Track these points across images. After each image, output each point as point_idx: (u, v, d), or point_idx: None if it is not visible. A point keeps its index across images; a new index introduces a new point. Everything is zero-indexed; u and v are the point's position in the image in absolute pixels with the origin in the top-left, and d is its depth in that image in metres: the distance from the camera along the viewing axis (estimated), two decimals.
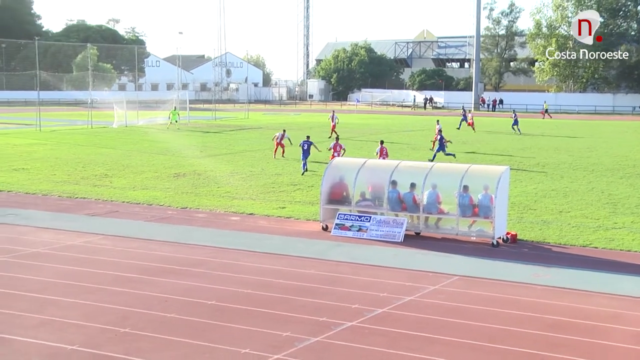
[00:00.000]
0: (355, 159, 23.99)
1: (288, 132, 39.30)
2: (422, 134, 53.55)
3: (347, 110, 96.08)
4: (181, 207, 23.03)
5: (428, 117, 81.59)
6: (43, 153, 38.25)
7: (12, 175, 29.92)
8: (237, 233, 19.34)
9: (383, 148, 31.61)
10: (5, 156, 36.59)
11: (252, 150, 40.12)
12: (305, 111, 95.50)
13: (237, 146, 42.67)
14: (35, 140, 46.07)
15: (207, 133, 53.93)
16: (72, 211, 22.24)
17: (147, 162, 34.38)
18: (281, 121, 64.62)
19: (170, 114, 60.14)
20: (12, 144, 42.69)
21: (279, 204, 23.68)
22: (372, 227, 18.94)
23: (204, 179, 29.01)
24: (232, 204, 23.49)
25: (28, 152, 38.75)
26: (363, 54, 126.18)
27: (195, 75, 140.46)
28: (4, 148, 40.53)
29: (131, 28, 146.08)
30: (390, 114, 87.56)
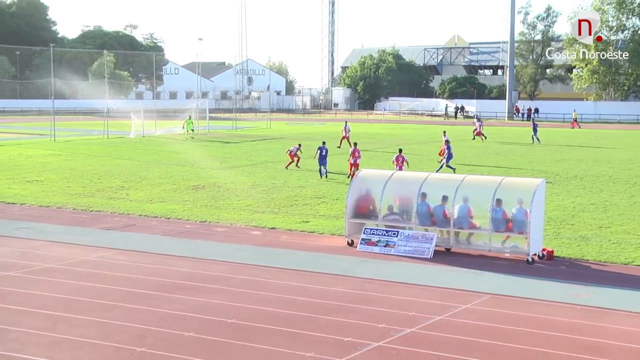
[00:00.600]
0: (383, 170, 24.01)
1: (311, 142, 39.22)
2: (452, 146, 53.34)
3: (373, 120, 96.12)
4: (200, 221, 23.15)
5: (459, 127, 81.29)
6: (57, 164, 38.68)
7: (26, 187, 30.29)
8: (258, 248, 19.39)
9: (400, 156, 32.59)
10: (19, 167, 37.05)
11: (274, 161, 40.24)
12: (330, 121, 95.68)
13: (259, 157, 42.83)
14: (50, 150, 46.60)
15: (228, 143, 54.21)
16: (87, 225, 22.44)
17: (165, 174, 34.62)
18: (305, 131, 64.76)
19: (185, 123, 60.66)
20: (26, 155, 43.22)
21: (302, 217, 23.71)
22: (400, 242, 18.89)
23: (224, 192, 29.14)
24: (253, 218, 23.56)
25: (42, 163, 39.21)
26: (391, 61, 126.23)
27: (215, 83, 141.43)
28: (17, 159, 41.05)
29: (149, 34, 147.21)
30: (419, 124, 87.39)
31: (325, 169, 33.88)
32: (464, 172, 32.31)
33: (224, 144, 53.59)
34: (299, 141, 42.07)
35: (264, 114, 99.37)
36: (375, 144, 53.35)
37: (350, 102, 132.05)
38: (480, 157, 43.71)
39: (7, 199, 27.12)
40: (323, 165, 33.90)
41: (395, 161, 32.93)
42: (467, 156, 44.60)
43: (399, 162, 32.76)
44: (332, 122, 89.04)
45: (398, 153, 33.38)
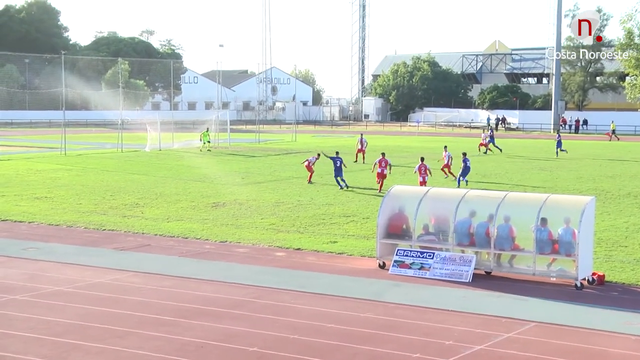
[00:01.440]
0: (417, 187, 23.95)
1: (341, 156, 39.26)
2: (493, 159, 53.15)
3: (407, 132, 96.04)
4: (220, 241, 23.23)
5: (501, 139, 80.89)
6: (68, 180, 39.08)
7: (34, 204, 30.62)
8: (282, 271, 19.41)
9: (423, 165, 33.73)
10: (27, 183, 37.49)
11: (299, 177, 40.32)
12: (360, 133, 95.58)
13: (283, 172, 42.95)
14: (60, 165, 47.12)
15: (250, 157, 54.44)
16: (99, 245, 22.62)
17: (183, 190, 34.83)
18: (333, 144, 64.76)
19: (202, 136, 61.14)
20: (35, 170, 43.73)
21: (329, 237, 23.70)
22: (436, 264, 18.81)
23: (246, 209, 29.24)
24: (277, 238, 23.60)
25: (52, 178, 39.64)
26: (426, 69, 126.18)
27: (237, 92, 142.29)
28: (26, 174, 41.54)
29: (167, 40, 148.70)
30: (457, 137, 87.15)
31: (343, 179, 35.62)
32: (506, 189, 32.13)
33: (246, 158, 53.82)
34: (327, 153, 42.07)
35: (289, 125, 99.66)
36: (409, 158, 53.20)
37: (382, 113, 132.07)
38: (523, 173, 43.47)
39: (14, 216, 27.44)
40: (339, 176, 35.59)
41: (418, 171, 33.66)
42: (508, 171, 44.37)
43: (422, 172, 33.33)
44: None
45: (420, 162, 34.00)
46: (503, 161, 51.67)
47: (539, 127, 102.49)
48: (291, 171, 43.65)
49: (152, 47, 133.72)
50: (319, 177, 40.38)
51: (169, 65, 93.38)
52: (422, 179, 33.97)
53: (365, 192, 34.67)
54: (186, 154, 56.78)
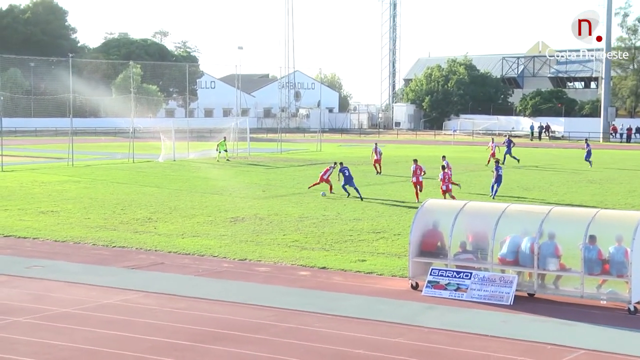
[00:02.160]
0: (453, 201, 23.87)
1: (368, 167, 39.31)
2: (535, 172, 52.87)
3: (442, 142, 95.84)
4: (239, 259, 23.26)
5: (544, 149, 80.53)
6: (76, 192, 39.36)
7: (39, 219, 30.85)
8: (306, 291, 19.39)
9: (446, 173, 34.70)
10: (32, 196, 37.79)
11: (325, 189, 40.30)
12: (390, 142, 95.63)
13: (308, 185, 42.98)
14: (67, 177, 47.47)
15: (271, 169, 54.55)
16: (109, 263, 22.73)
17: (199, 204, 34.95)
18: (361, 154, 64.71)
19: (218, 146, 61.43)
20: (40, 182, 44.08)
21: (358, 256, 23.67)
22: (474, 285, 18.71)
23: (267, 225, 29.28)
24: (300, 256, 23.60)
25: (58, 191, 39.94)
26: (462, 72, 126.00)
27: (257, 98, 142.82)
28: (30, 186, 41.89)
29: (182, 42, 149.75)
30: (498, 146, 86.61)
31: (357, 188, 36.95)
32: (551, 203, 31.95)
33: (267, 169, 53.94)
34: (350, 165, 42.15)
35: (314, 134, 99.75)
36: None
37: (415, 121, 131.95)
38: (570, 186, 43.21)
39: (17, 232, 27.66)
40: (351, 185, 37.05)
41: (442, 178, 34.08)
42: (553, 184, 44.12)
43: (446, 180, 33.78)
44: (394, 144, 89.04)
45: (442, 170, 35.27)
46: (546, 173, 51.38)
47: (587, 136, 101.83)
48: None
49: (166, 50, 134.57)
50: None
51: (184, 69, 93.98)
52: (445, 188, 34.99)
53: (396, 205, 34.60)
54: (203, 165, 57.01)
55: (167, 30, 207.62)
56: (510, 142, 61.30)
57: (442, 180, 35.12)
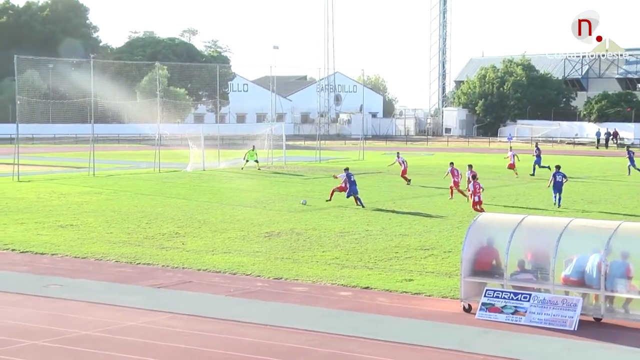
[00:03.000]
0: (509, 215, 23.70)
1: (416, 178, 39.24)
2: (601, 184, 52.37)
3: (496, 150, 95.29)
4: (274, 278, 23.29)
5: (611, 158, 79.77)
6: (97, 205, 39.69)
7: (58, 233, 31.14)
8: (348, 314, 19.36)
9: (476, 183, 35.31)
10: (50, 209, 38.17)
11: (368, 202, 40.26)
12: (440, 150, 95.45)
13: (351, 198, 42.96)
14: (88, 187, 47.88)
15: (309, 179, 54.59)
16: (133, 281, 22.87)
17: (231, 218, 35.08)
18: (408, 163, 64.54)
19: (247, 155, 61.62)
20: (59, 193, 44.50)
21: (404, 274, 23.59)
22: (533, 308, 18.56)
23: (305, 240, 29.30)
24: (341, 274, 23.57)
25: (78, 203, 40.30)
26: (520, 73, 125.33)
27: (294, 102, 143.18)
28: (48, 198, 42.31)
29: (212, 42, 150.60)
30: (558, 154, 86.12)
31: (358, 197, 38.61)
32: (619, 218, 31.61)
33: (305, 180, 53.99)
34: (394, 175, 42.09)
35: (356, 141, 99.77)
36: (498, 180, 52.81)
37: (467, 127, 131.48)
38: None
39: (35, 248, 27.93)
40: (353, 191, 38.66)
41: (473, 190, 35.69)
42: (621, 196, 43.71)
43: (477, 189, 35.30)
44: (444, 152, 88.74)
45: (473, 180, 36.08)
46: (614, 184, 50.87)
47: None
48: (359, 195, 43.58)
49: (194, 50, 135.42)
50: (391, 202, 40.36)
51: (214, 71, 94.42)
52: (477, 198, 35.83)
53: (446, 219, 34.46)
54: (234, 175, 57.23)
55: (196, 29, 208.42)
56: (539, 150, 60.79)
57: (472, 192, 35.21)
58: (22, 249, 27.63)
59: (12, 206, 38.71)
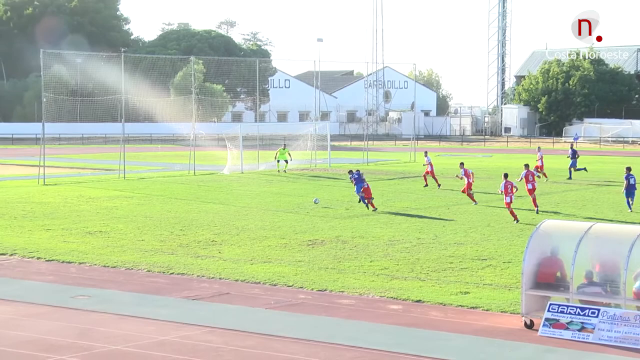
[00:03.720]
0: (575, 222, 23.53)
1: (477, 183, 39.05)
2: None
3: (561, 151, 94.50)
4: (318, 290, 23.29)
5: None
6: (128, 210, 39.98)
7: (86, 240, 31.41)
8: (398, 329, 19.31)
9: (508, 182, 35.75)
10: (78, 214, 38.52)
11: (420, 207, 40.13)
12: (499, 151, 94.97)
13: (399, 202, 42.87)
14: (118, 191, 48.26)
15: None
16: (166, 293, 22.99)
17: (271, 224, 35.15)
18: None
19: (278, 154, 61.61)
20: (87, 197, 44.90)
21: (459, 287, 23.49)
22: (602, 325, 18.38)
23: (351, 249, 29.28)
24: (391, 286, 23.53)
25: (107, 208, 40.63)
26: (587, 67, 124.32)
27: (339, 99, 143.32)
28: (76, 202, 42.71)
29: (251, 34, 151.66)
30: (630, 156, 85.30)
31: (362, 197, 40.07)
32: None
33: (351, 184, 53.86)
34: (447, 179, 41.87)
35: (407, 142, 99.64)
36: (564, 185, 52.39)
37: (528, 126, 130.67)
38: None
39: (61, 256, 28.20)
40: (358, 191, 40.34)
41: (504, 189, 35.73)
42: None
43: (509, 191, 35.52)
44: (503, 154, 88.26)
45: (504, 179, 36.18)
46: None
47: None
48: (409, 200, 43.52)
49: (232, 43, 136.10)
50: (445, 207, 40.22)
51: (254, 66, 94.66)
52: (509, 199, 35.76)
53: (505, 227, 34.25)
54: (275, 178, 57.35)
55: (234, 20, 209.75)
56: (575, 152, 60.00)
57: (506, 192, 35.84)
58: (48, 257, 27.92)
59: (37, 211, 39.12)
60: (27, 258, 27.94)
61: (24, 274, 25.54)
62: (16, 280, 24.67)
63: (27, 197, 44.62)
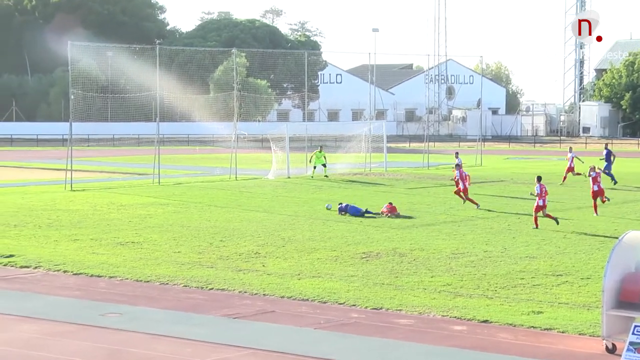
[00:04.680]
0: None
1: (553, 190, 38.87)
2: None
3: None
4: (373, 308, 23.24)
5: None
6: (162, 218, 40.18)
7: (117, 252, 31.61)
8: (462, 352, 19.24)
9: (542, 186, 36.44)
10: (108, 223, 38.78)
11: (487, 216, 39.94)
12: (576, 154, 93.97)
13: (463, 210, 42.68)
14: (152, 198, 48.52)
15: (415, 189, 54.38)
16: (204, 310, 23.05)
17: (320, 234, 35.16)
18: (536, 170, 63.90)
19: (314, 157, 61.34)
20: (118, 204, 45.18)
21: (531, 306, 23.33)
22: None
23: (409, 263, 29.20)
24: (454, 305, 23.42)
25: (140, 216, 40.86)
26: None
27: (397, 96, 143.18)
28: (106, 210, 42.99)
29: (299, 24, 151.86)
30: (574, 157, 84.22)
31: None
32: None
33: (410, 190, 53.80)
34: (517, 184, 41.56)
35: (472, 143, 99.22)
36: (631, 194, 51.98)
37: (610, 125, 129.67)
38: None
39: (90, 269, 28.38)
40: None
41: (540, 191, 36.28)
42: None
43: (543, 193, 36.34)
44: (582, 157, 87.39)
45: (537, 182, 37.09)
46: None
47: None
48: (474, 209, 43.30)
49: (278, 34, 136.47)
50: (515, 216, 39.99)
51: (302, 59, 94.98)
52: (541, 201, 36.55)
53: (584, 238, 33.98)
54: (325, 184, 57.35)
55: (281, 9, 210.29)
56: (610, 153, 59.21)
57: (539, 196, 36.58)
58: (76, 270, 28.12)
59: (64, 220, 39.47)
60: (52, 271, 28.18)
61: (49, 288, 25.75)
62: (41, 295, 24.89)
63: (52, 204, 45.01)
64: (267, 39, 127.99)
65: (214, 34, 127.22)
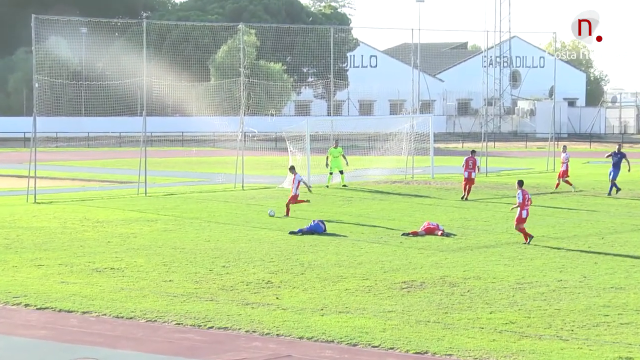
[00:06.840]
0: None
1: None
2: None
3: None
4: (416, 352, 23.23)
5: None
6: (150, 238, 40.23)
7: (93, 281, 31.63)
8: None
9: (525, 192, 38.63)
10: (81, 244, 38.80)
11: (561, 236, 39.89)
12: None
13: (531, 228, 42.48)
14: (137, 212, 48.60)
15: (468, 201, 54.26)
16: (203, 354, 23.09)
17: (349, 259, 35.14)
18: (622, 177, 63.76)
19: (330, 157, 61.02)
20: (94, 221, 45.24)
21: (619, 350, 23.27)
22: None
23: (463, 295, 29.16)
24: (519, 348, 23.39)
25: (122, 236, 40.92)
26: None
27: (447, 83, 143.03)
28: (79, 228, 43.04)
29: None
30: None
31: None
32: None
33: (463, 203, 53.75)
34: None
35: (543, 142, 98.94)
36: None
37: None
38: None
39: (58, 302, 28.37)
40: None
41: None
42: None
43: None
44: None
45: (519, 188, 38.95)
46: None
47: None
48: (546, 226, 43.26)
49: (297, 5, 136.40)
50: (598, 236, 39.87)
51: (327, 37, 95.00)
52: None
53: None
54: (356, 194, 57.32)
55: None
56: (619, 154, 58.96)
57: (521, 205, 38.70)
58: (41, 304, 28.13)
59: (26, 240, 39.56)
60: (11, 305, 28.20)
61: (7, 327, 25.78)
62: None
63: (11, 220, 45.14)
64: (282, 12, 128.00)
65: (215, 5, 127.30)
